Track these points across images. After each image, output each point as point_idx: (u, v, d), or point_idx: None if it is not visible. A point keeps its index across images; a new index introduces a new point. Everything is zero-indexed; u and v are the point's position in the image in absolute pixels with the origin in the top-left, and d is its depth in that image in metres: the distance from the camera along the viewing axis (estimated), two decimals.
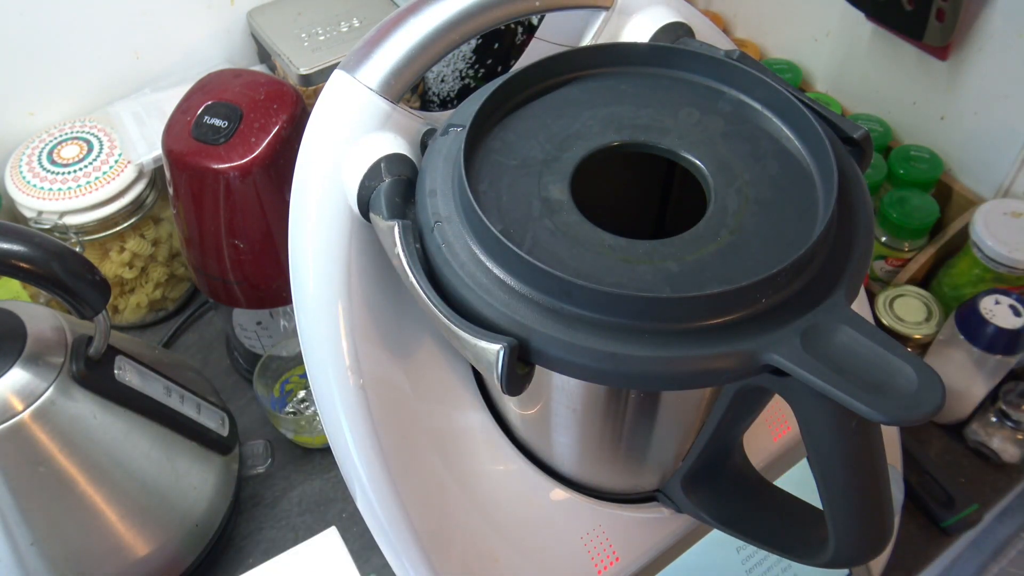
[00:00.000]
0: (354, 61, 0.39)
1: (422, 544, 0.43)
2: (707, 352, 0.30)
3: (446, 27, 0.39)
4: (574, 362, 0.31)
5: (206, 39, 0.79)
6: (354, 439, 0.42)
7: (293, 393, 0.69)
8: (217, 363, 0.74)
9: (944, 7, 0.65)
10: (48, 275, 0.45)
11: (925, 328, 0.67)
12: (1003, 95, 0.68)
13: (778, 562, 0.51)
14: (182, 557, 0.56)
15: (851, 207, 0.34)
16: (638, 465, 0.46)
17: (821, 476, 0.35)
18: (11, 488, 0.48)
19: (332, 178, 0.39)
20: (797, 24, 0.84)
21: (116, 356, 0.53)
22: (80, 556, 0.51)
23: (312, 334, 0.41)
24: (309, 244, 0.40)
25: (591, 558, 0.47)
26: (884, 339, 0.30)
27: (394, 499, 0.42)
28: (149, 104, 0.73)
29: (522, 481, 0.47)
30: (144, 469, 0.53)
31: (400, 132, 0.39)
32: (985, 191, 0.73)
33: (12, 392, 0.47)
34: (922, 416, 0.28)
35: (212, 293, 0.63)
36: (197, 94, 0.58)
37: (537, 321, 0.31)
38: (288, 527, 0.63)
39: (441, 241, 0.34)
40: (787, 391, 0.33)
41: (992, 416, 0.65)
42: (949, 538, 0.62)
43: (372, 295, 0.41)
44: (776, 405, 0.51)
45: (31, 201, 0.67)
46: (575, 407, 0.40)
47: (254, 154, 0.55)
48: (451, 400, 0.46)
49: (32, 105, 0.74)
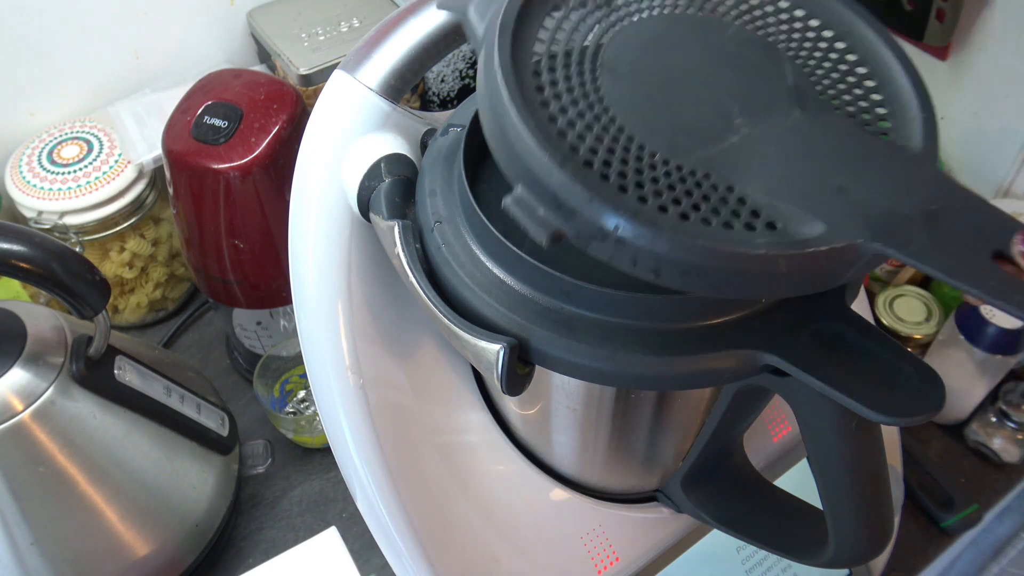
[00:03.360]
0: (354, 61, 0.39)
1: (422, 544, 0.43)
2: (707, 352, 0.30)
3: (446, 27, 0.39)
4: (574, 362, 0.31)
5: (206, 39, 0.79)
6: (354, 439, 0.42)
7: (293, 393, 0.69)
8: (217, 363, 0.74)
9: (944, 7, 0.65)
10: (48, 275, 0.45)
11: (925, 328, 0.67)
12: (1003, 95, 0.68)
13: (778, 562, 0.51)
14: (182, 557, 0.56)
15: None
16: (638, 465, 0.46)
17: (821, 476, 0.35)
18: (11, 488, 0.48)
19: (332, 178, 0.39)
20: None
21: (116, 356, 0.53)
22: (80, 556, 0.51)
23: (312, 334, 0.41)
24: (309, 244, 0.40)
25: (591, 558, 0.47)
26: (884, 339, 0.30)
27: (394, 499, 0.42)
28: (149, 104, 0.73)
29: (522, 481, 0.47)
30: (144, 469, 0.53)
31: (400, 132, 0.39)
32: (985, 191, 0.73)
33: (12, 392, 0.47)
34: (922, 416, 0.28)
35: (212, 293, 0.63)
36: (197, 94, 0.58)
37: (537, 321, 0.31)
38: (288, 527, 0.63)
39: (441, 241, 0.34)
40: (787, 391, 0.33)
41: (992, 416, 0.65)
42: (949, 538, 0.62)
43: (372, 295, 0.41)
44: (776, 405, 0.51)
45: (31, 201, 0.67)
46: (575, 407, 0.40)
47: (254, 154, 0.55)
48: (451, 400, 0.46)
49: (32, 105, 0.74)
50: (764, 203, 0.26)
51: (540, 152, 0.25)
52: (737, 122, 0.28)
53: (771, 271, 0.25)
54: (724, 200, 0.26)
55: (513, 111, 0.26)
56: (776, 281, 0.26)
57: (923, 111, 0.28)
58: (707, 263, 0.25)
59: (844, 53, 0.30)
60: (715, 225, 0.25)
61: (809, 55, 0.30)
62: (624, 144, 0.26)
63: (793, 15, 0.31)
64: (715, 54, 0.29)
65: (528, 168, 0.26)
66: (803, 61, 0.30)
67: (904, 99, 0.29)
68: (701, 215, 0.25)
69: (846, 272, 0.26)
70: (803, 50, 0.30)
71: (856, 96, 0.29)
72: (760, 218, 0.26)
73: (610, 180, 0.25)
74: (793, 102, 0.28)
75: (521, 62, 0.28)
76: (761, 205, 0.26)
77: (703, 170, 0.26)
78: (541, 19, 0.29)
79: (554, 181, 0.25)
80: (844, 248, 0.25)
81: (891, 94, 0.29)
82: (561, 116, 0.27)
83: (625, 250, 0.25)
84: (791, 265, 0.25)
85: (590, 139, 0.26)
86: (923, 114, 0.28)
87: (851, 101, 0.29)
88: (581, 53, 0.29)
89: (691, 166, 0.26)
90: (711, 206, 0.26)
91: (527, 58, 0.28)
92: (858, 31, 0.31)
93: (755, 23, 0.31)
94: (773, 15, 0.31)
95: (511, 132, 0.26)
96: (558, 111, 0.27)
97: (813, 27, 0.31)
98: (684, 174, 0.26)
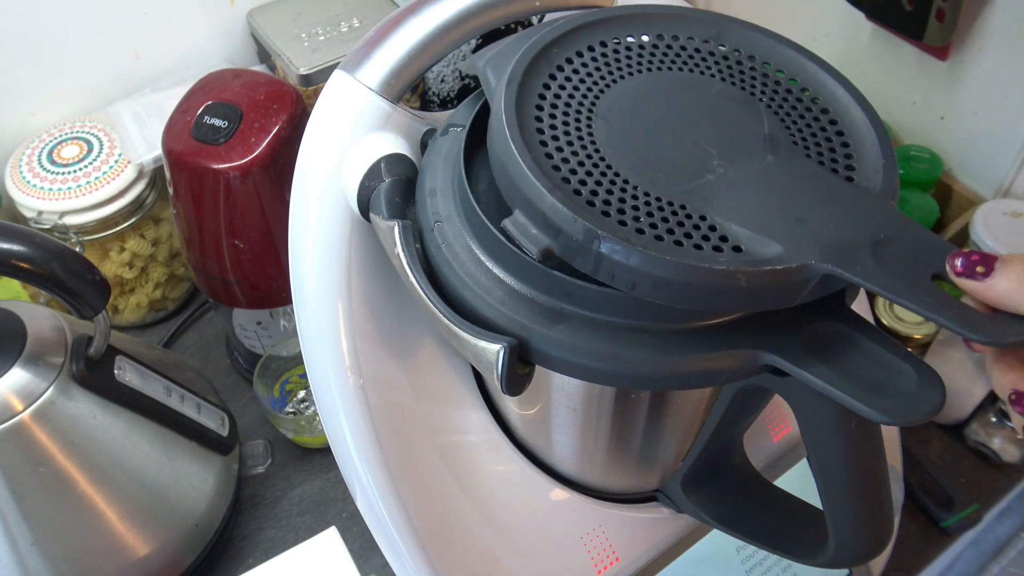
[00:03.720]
0: (354, 61, 0.39)
1: (422, 544, 0.43)
2: (707, 352, 0.30)
3: (446, 27, 0.39)
4: (574, 362, 0.31)
5: (206, 39, 0.79)
6: (354, 439, 0.42)
7: (293, 393, 0.69)
8: (217, 363, 0.74)
9: (944, 7, 0.65)
10: (48, 275, 0.45)
11: (925, 328, 0.67)
12: (1003, 95, 0.68)
13: (778, 562, 0.51)
14: (182, 557, 0.56)
15: None
16: (638, 465, 0.46)
17: (821, 476, 0.35)
18: (11, 488, 0.48)
19: (332, 178, 0.39)
20: (797, 24, 0.84)
21: (116, 356, 0.53)
22: (80, 556, 0.51)
23: (312, 334, 0.41)
24: (309, 244, 0.40)
25: (591, 558, 0.47)
26: (884, 339, 0.30)
27: (394, 499, 0.42)
28: (149, 104, 0.73)
29: (522, 481, 0.47)
30: (144, 469, 0.53)
31: (400, 132, 0.39)
32: (985, 191, 0.73)
33: (12, 392, 0.47)
34: (922, 416, 0.28)
35: (212, 293, 0.63)
36: (197, 94, 0.58)
37: (537, 321, 0.31)
38: (288, 527, 0.63)
39: (441, 241, 0.34)
40: (787, 391, 0.33)
41: (992, 416, 0.65)
42: (949, 538, 0.62)
43: (372, 295, 0.41)
44: (776, 405, 0.51)
45: (31, 201, 0.67)
46: (575, 407, 0.40)
47: (254, 154, 0.55)
48: (451, 400, 0.46)
49: (32, 105, 0.74)
50: (733, 230, 0.30)
51: (535, 181, 0.30)
52: (715, 164, 0.32)
53: (733, 286, 0.28)
54: (696, 226, 0.30)
55: (514, 148, 0.30)
56: (739, 295, 0.29)
57: (884, 158, 0.32)
58: (675, 277, 0.28)
59: (821, 110, 0.35)
60: (686, 246, 0.29)
61: (788, 110, 0.35)
62: (611, 178, 0.31)
63: (776, 75, 0.36)
64: (701, 107, 0.34)
65: (524, 195, 0.30)
66: (781, 115, 0.34)
67: (869, 149, 0.33)
68: (674, 237, 0.29)
69: (802, 290, 0.29)
70: (782, 106, 0.35)
71: (828, 146, 0.33)
72: (728, 242, 0.29)
73: (595, 206, 0.30)
74: (767, 148, 0.33)
75: (524, 109, 0.32)
76: (730, 232, 0.30)
77: (680, 201, 0.30)
78: (545, 75, 0.34)
79: (545, 204, 0.29)
80: (797, 268, 0.28)
81: (857, 144, 0.34)
82: (557, 154, 0.31)
83: (604, 264, 0.29)
84: (750, 281, 0.28)
85: (581, 173, 0.31)
86: (884, 160, 0.32)
87: (822, 150, 0.33)
88: (579, 102, 0.33)
89: (669, 197, 0.30)
90: (684, 231, 0.29)
91: (530, 106, 0.33)
92: (833, 91, 0.35)
93: (740, 81, 0.35)
94: (758, 74, 0.36)
95: (512, 166, 0.30)
96: (555, 150, 0.31)
97: (793, 86, 0.36)
98: (663, 204, 0.30)
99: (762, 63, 0.36)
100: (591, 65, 0.35)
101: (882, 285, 0.28)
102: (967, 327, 0.27)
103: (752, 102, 0.34)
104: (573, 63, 0.35)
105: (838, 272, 0.28)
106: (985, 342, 0.27)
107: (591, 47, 0.35)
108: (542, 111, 0.33)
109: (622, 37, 0.36)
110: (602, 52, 0.35)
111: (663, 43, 0.36)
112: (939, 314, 0.27)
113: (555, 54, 0.35)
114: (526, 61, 0.34)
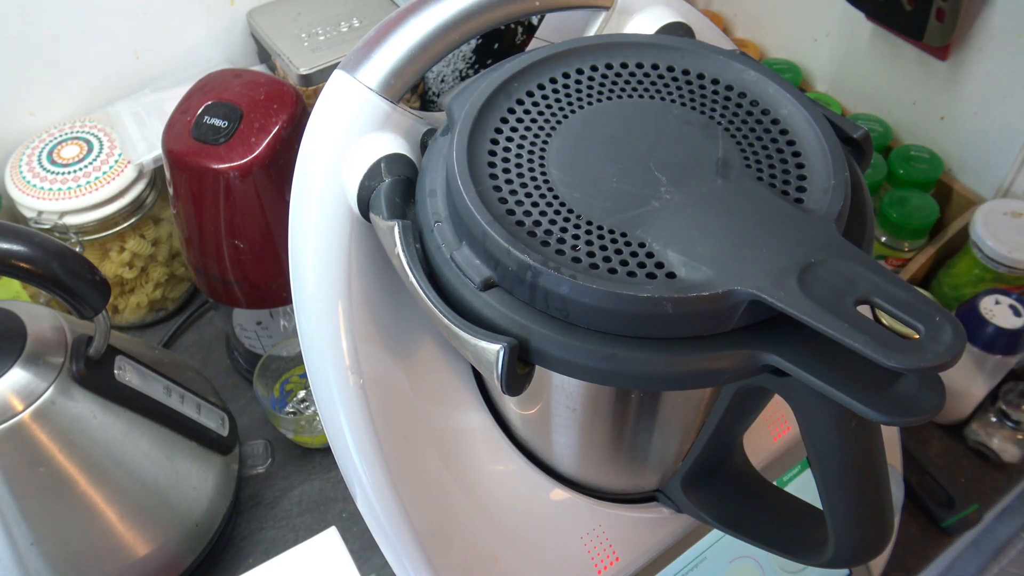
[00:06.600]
0: (354, 61, 0.39)
1: (422, 544, 0.43)
2: (707, 352, 0.30)
3: (446, 27, 0.39)
4: (574, 362, 0.31)
5: (206, 39, 0.79)
6: (354, 439, 0.42)
7: (293, 393, 0.69)
8: (217, 363, 0.74)
9: (944, 7, 0.65)
10: (48, 275, 0.45)
11: None
12: (1003, 95, 0.68)
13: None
14: (182, 557, 0.56)
15: (851, 207, 0.34)
16: (638, 465, 0.46)
17: (821, 476, 0.35)
18: (11, 488, 0.48)
19: (332, 178, 0.39)
20: (797, 24, 0.84)
21: (116, 356, 0.53)
22: (80, 556, 0.51)
23: (312, 334, 0.41)
24: (309, 244, 0.40)
25: (591, 558, 0.47)
26: None
27: (394, 499, 0.42)
28: (149, 104, 0.73)
29: (522, 481, 0.47)
30: (144, 469, 0.53)
31: (400, 132, 0.39)
32: (985, 191, 0.73)
33: (12, 392, 0.47)
34: (922, 416, 0.28)
35: (212, 293, 0.63)
36: (197, 94, 0.58)
37: (537, 321, 0.31)
38: (288, 527, 0.63)
39: (441, 241, 0.34)
40: (787, 391, 0.33)
41: (992, 416, 0.65)
42: (949, 538, 0.62)
43: (372, 295, 0.41)
44: (776, 405, 0.51)
45: (31, 201, 0.67)
46: (575, 407, 0.40)
47: (254, 154, 0.55)
48: (451, 400, 0.46)
49: (32, 105, 0.74)
50: (670, 257, 0.30)
51: (475, 214, 0.31)
52: (662, 190, 0.32)
53: (660, 312, 0.29)
54: (634, 253, 0.30)
55: (460, 183, 0.32)
56: (668, 321, 0.29)
57: (834, 178, 0.32)
58: (603, 305, 0.29)
59: (780, 131, 0.35)
60: (620, 273, 0.30)
61: (745, 132, 0.35)
62: (556, 208, 0.32)
63: (737, 98, 0.36)
64: (659, 132, 0.34)
65: (467, 227, 0.32)
66: (739, 137, 0.34)
67: (820, 169, 0.33)
68: (610, 265, 0.30)
69: (732, 315, 0.30)
70: (740, 128, 0.35)
71: (783, 167, 0.34)
72: (663, 268, 0.30)
73: (536, 236, 0.31)
74: (718, 172, 0.33)
75: (477, 145, 0.34)
76: (666, 258, 0.30)
77: (621, 229, 0.31)
78: (504, 109, 0.35)
79: (485, 237, 0.31)
80: (723, 294, 0.29)
81: (811, 165, 0.34)
82: (506, 186, 0.33)
83: (539, 292, 0.30)
84: (677, 307, 0.29)
85: (527, 204, 0.32)
86: (833, 181, 0.32)
87: (776, 172, 0.33)
88: (536, 134, 0.34)
89: (611, 225, 0.31)
90: (621, 258, 0.30)
91: (485, 141, 0.34)
92: (792, 111, 0.35)
93: (701, 105, 0.36)
94: (720, 98, 0.36)
95: (459, 200, 0.32)
96: (504, 183, 0.33)
97: (752, 107, 0.36)
98: (603, 232, 0.31)
99: (725, 87, 0.36)
100: (552, 97, 0.36)
101: (801, 311, 0.28)
102: (881, 353, 0.26)
103: (710, 125, 0.35)
104: (534, 95, 0.36)
105: (763, 297, 0.28)
106: (899, 368, 0.26)
107: (553, 79, 0.36)
108: (496, 145, 0.34)
109: (585, 67, 0.37)
110: (564, 83, 0.36)
111: (626, 71, 0.37)
112: (854, 340, 0.27)
113: (515, 88, 0.36)
114: (483, 97, 0.35)
